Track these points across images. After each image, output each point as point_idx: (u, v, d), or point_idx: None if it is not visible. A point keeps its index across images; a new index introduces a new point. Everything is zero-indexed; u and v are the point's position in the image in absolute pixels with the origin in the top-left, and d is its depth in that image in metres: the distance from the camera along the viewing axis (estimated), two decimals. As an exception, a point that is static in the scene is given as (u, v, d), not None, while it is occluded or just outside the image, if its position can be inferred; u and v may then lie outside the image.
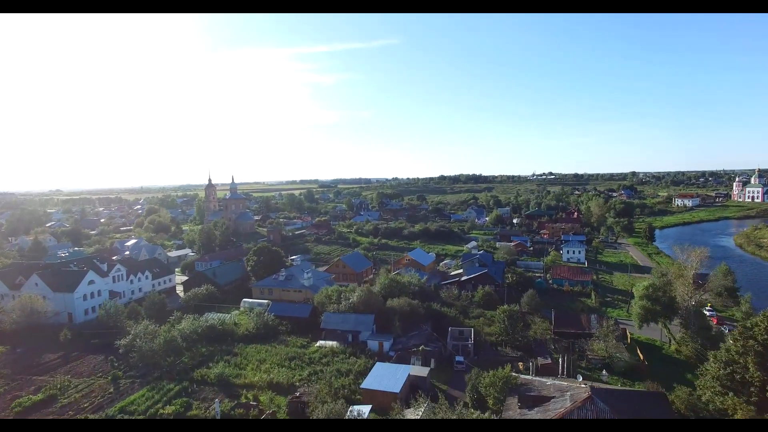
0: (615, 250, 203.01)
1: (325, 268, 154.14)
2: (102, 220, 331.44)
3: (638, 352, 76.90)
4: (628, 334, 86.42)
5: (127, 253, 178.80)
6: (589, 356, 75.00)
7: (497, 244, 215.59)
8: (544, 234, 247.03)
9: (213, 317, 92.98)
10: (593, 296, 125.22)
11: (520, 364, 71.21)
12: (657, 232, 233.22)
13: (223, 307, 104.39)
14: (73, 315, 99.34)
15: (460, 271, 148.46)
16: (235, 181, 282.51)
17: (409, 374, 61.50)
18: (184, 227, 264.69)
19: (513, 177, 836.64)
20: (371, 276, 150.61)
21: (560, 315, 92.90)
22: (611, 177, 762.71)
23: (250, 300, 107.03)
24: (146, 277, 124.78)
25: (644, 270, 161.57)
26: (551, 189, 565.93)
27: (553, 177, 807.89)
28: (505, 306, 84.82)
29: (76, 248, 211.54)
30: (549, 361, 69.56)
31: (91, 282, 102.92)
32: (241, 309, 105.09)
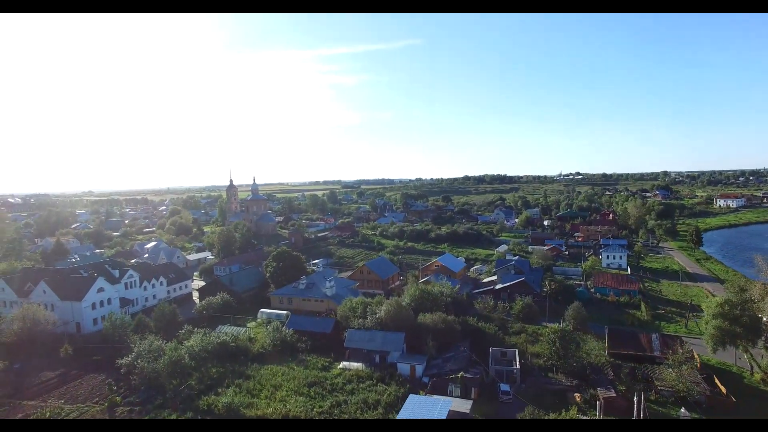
0: (658, 255, 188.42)
1: (348, 274, 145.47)
2: (126, 221, 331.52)
3: (717, 382, 65.07)
4: (697, 356, 74.46)
5: (146, 255, 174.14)
6: (659, 387, 63.66)
7: (529, 248, 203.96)
8: (579, 237, 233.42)
9: (227, 331, 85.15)
10: (643, 308, 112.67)
11: (577, 396, 60.58)
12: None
13: (238, 318, 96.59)
14: (81, 325, 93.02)
15: (494, 278, 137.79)
16: (259, 182, 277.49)
17: (449, 410, 51.78)
18: (206, 229, 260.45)
19: (539, 177, 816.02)
20: (397, 283, 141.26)
21: (615, 333, 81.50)
22: (641, 177, 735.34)
23: (268, 310, 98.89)
24: (161, 284, 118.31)
25: (697, 278, 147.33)
26: (580, 189, 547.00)
27: (580, 177, 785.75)
28: (556, 325, 73.95)
29: (97, 250, 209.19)
30: (613, 393, 58.59)
31: (101, 290, 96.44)
32: (258, 320, 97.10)
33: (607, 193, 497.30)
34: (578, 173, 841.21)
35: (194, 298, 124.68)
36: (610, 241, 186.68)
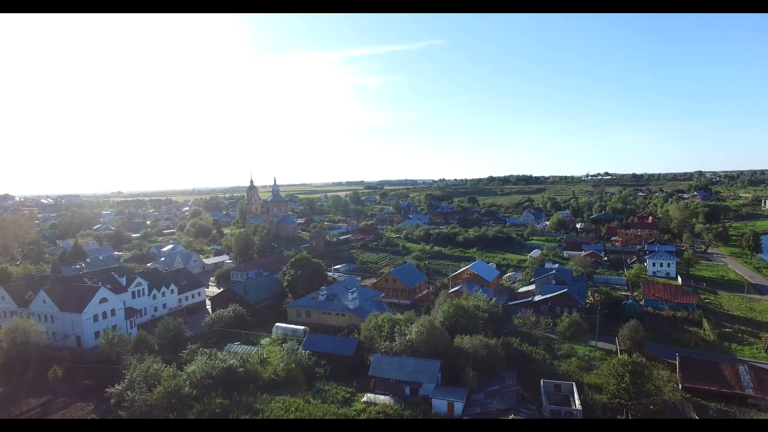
0: (709, 263, 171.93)
1: (372, 282, 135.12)
2: (148, 222, 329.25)
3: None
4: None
5: (163, 259, 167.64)
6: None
7: (564, 253, 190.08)
8: (616, 242, 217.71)
9: (236, 350, 75.85)
10: (705, 326, 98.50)
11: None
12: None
13: (251, 334, 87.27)
14: (81, 339, 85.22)
15: (531, 287, 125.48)
16: (282, 183, 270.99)
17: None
18: (226, 231, 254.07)
19: (565, 178, 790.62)
20: (425, 292, 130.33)
21: (689, 362, 68.56)
22: (674, 177, 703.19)
23: (284, 325, 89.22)
24: (171, 292, 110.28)
25: (764, 290, 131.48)
26: (610, 190, 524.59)
27: (609, 177, 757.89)
28: (624, 356, 61.74)
29: (115, 253, 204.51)
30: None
31: (104, 300, 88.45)
32: (273, 336, 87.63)
33: (641, 194, 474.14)
34: (607, 173, 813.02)
35: (207, 307, 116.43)
36: (655, 247, 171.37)
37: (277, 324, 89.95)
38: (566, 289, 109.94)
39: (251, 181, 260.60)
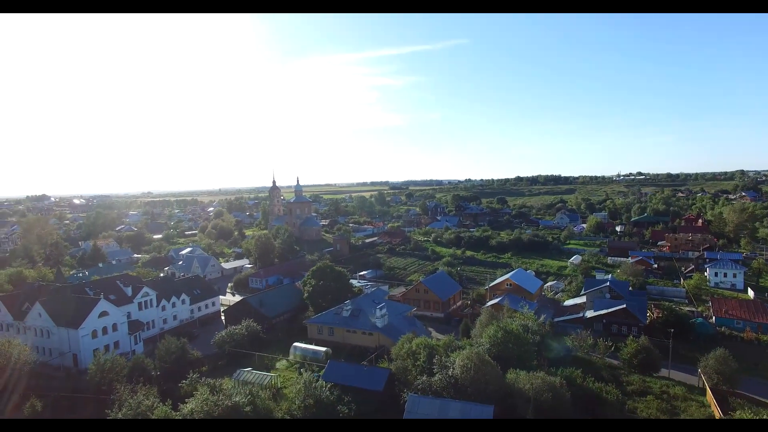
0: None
1: (401, 291, 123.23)
2: (172, 224, 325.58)
3: None
4: None
5: (181, 263, 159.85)
6: None
7: (608, 260, 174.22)
8: (664, 247, 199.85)
9: (247, 377, 65.12)
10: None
11: None
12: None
13: (266, 356, 76.45)
14: (78, 357, 76.18)
15: (579, 300, 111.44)
16: (307, 183, 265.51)
17: None
18: (248, 233, 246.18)
19: (596, 178, 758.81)
20: (459, 303, 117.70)
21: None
22: (713, 177, 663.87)
23: (303, 345, 78.15)
24: (183, 302, 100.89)
25: None
26: (646, 190, 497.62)
27: (642, 177, 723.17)
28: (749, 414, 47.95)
29: (134, 255, 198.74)
30: None
31: (104, 314, 79.25)
32: (290, 357, 76.73)
33: (681, 194, 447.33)
34: (640, 173, 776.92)
35: (223, 317, 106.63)
36: (717, 254, 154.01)
37: (295, 344, 78.92)
38: (624, 305, 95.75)
39: (273, 182, 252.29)
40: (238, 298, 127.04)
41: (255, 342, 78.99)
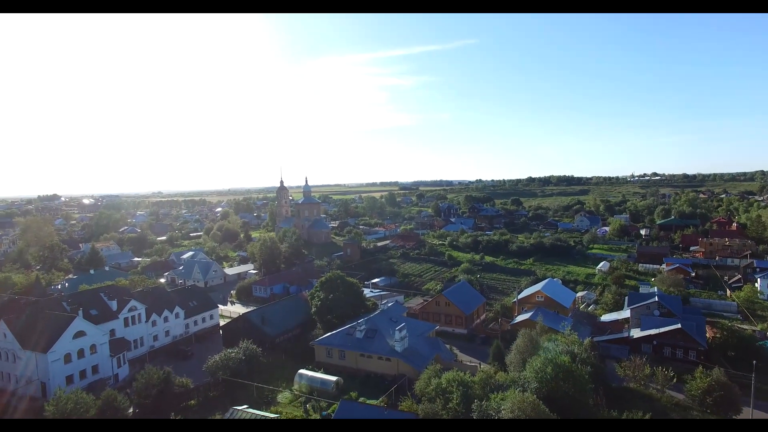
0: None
1: (417, 303, 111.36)
2: (177, 225, 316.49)
3: None
4: None
5: (181, 268, 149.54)
6: None
7: (639, 267, 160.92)
8: (698, 253, 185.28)
9: (242, 417, 53.69)
10: None
11: None
12: None
13: (265, 387, 64.90)
14: (47, 386, 65.20)
15: (619, 316, 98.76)
16: (316, 183, 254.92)
17: None
18: (254, 235, 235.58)
19: (609, 178, 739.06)
20: (483, 317, 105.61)
21: None
22: (733, 177, 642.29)
23: (310, 374, 66.57)
24: (176, 316, 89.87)
25: None
26: (663, 191, 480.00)
27: (658, 178, 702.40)
28: None
29: (135, 258, 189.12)
30: None
31: (80, 333, 68.29)
32: (295, 387, 65.26)
33: (702, 195, 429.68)
34: (655, 174, 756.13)
35: (221, 333, 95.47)
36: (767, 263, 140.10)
37: (301, 371, 67.34)
38: (679, 325, 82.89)
39: (281, 182, 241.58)
40: (240, 307, 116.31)
41: (254, 369, 67.51)
